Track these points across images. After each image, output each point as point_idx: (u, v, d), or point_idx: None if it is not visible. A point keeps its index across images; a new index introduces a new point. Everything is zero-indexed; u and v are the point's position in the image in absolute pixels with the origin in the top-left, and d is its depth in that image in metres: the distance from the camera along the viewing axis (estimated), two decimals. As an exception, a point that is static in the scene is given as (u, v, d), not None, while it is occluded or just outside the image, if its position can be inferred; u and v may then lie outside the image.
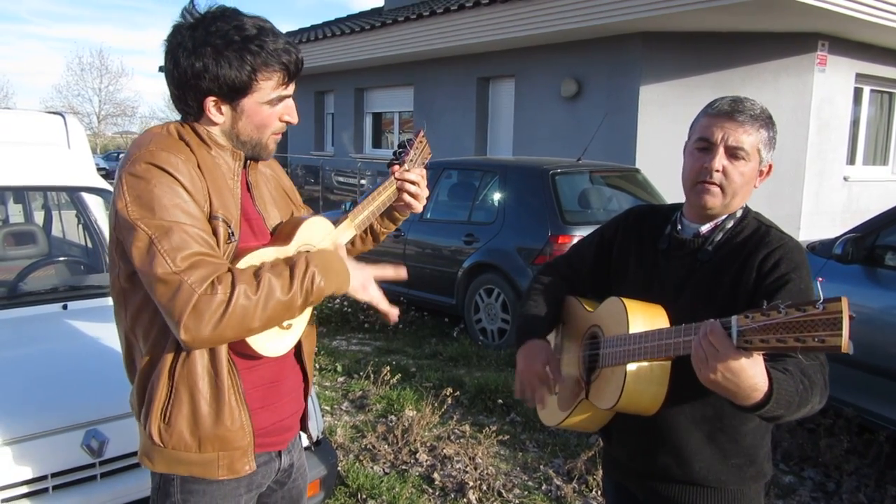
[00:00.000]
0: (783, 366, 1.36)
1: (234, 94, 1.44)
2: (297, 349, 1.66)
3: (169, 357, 1.44)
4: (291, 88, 1.51)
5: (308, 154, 16.75)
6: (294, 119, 1.54)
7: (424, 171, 1.80)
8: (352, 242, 1.80)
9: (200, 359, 1.44)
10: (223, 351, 1.46)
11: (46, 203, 4.66)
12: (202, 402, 1.45)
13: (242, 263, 1.41)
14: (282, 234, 1.56)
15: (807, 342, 1.10)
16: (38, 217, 4.66)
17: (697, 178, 1.57)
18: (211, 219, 1.41)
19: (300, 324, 1.57)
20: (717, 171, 1.54)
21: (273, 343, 1.49)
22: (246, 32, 1.41)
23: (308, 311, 1.58)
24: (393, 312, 1.65)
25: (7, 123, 3.48)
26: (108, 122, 42.98)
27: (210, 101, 1.44)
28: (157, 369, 1.45)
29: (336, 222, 1.67)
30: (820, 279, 1.21)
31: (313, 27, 16.62)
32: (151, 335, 1.45)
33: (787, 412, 1.32)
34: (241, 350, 1.48)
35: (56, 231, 4.48)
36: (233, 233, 1.44)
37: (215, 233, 1.41)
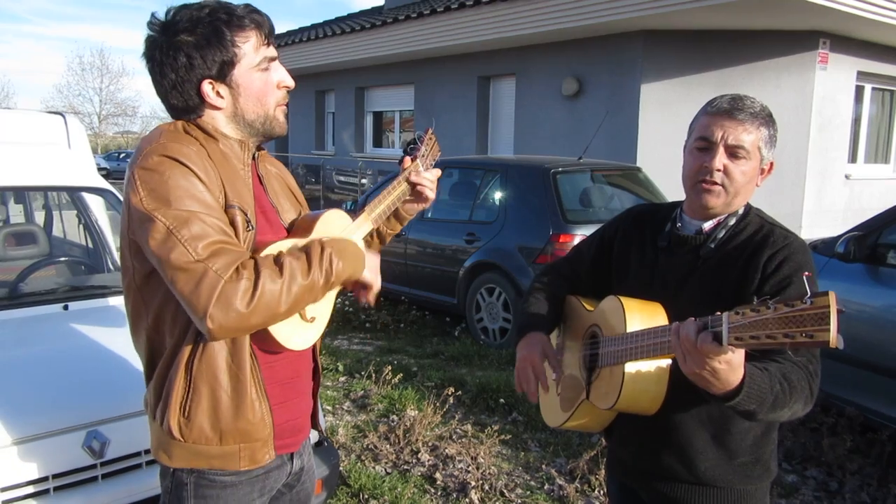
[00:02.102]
0: (764, 365, 1.36)
1: (223, 68, 1.44)
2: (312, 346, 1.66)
3: (186, 351, 1.42)
4: (274, 50, 1.52)
5: (309, 153, 16.75)
6: (290, 82, 1.54)
7: (439, 171, 1.80)
8: (366, 238, 1.78)
9: (221, 352, 1.43)
10: (245, 343, 1.44)
11: (47, 203, 4.65)
12: (223, 395, 1.44)
13: (263, 255, 1.40)
14: (300, 227, 1.56)
15: (796, 338, 1.10)
16: (39, 217, 4.65)
17: (698, 178, 1.57)
18: (227, 208, 1.41)
19: (324, 317, 1.56)
20: (718, 170, 1.54)
21: (297, 336, 1.48)
22: (209, 8, 1.44)
23: (330, 306, 1.57)
24: (371, 297, 1.68)
25: (8, 123, 3.47)
26: (108, 122, 42.99)
27: (206, 85, 1.44)
28: (174, 365, 1.44)
29: (353, 216, 1.67)
30: (806, 273, 1.21)
31: (313, 26, 16.62)
32: (175, 332, 1.44)
33: (760, 409, 1.34)
34: (264, 345, 1.46)
35: (57, 231, 4.48)
36: (249, 221, 1.44)
37: (233, 222, 1.40)
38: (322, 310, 1.54)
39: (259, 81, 1.49)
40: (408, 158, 1.74)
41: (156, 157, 1.36)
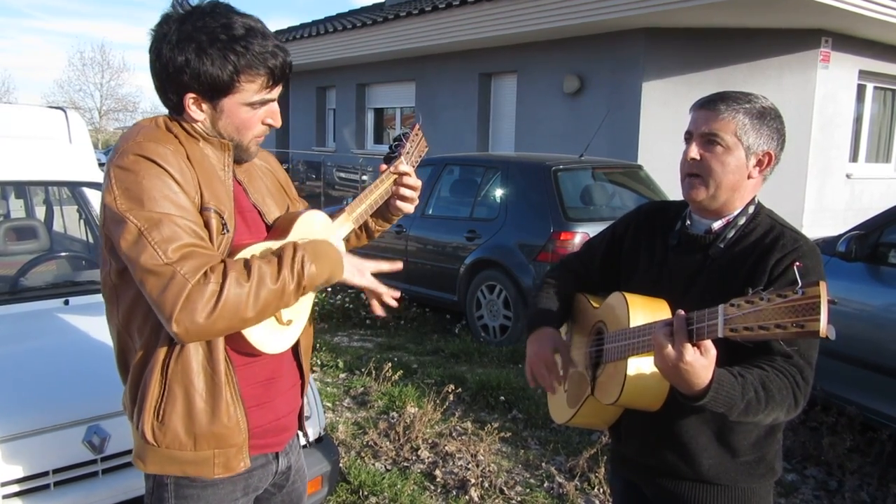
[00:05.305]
0: (742, 371, 1.37)
1: (214, 92, 1.41)
2: (294, 346, 1.63)
3: (162, 353, 1.41)
4: (276, 92, 1.48)
5: (309, 150, 16.73)
6: (277, 123, 1.51)
7: (419, 182, 1.79)
8: (347, 238, 1.76)
9: (195, 354, 1.41)
10: (220, 345, 1.42)
11: (48, 198, 4.65)
12: (198, 398, 1.42)
13: (235, 258, 1.38)
14: (278, 228, 1.54)
15: (787, 328, 1.10)
16: (40, 212, 4.65)
17: (683, 171, 1.60)
18: (202, 210, 1.38)
19: (300, 320, 1.53)
20: (694, 158, 1.56)
21: (273, 340, 1.46)
22: (233, 31, 1.38)
23: (307, 308, 1.56)
24: (391, 301, 1.61)
25: (8, 118, 3.46)
26: (109, 118, 42.94)
27: (189, 98, 1.42)
28: (149, 366, 1.42)
29: (333, 216, 1.65)
30: (798, 264, 1.21)
31: (315, 22, 16.60)
32: (145, 331, 1.42)
33: (730, 413, 1.36)
34: (238, 347, 1.45)
35: (57, 226, 4.48)
36: (225, 224, 1.41)
37: (207, 224, 1.38)
38: (299, 313, 1.52)
39: (245, 115, 1.45)
40: (383, 165, 1.74)
41: (131, 156, 1.34)
